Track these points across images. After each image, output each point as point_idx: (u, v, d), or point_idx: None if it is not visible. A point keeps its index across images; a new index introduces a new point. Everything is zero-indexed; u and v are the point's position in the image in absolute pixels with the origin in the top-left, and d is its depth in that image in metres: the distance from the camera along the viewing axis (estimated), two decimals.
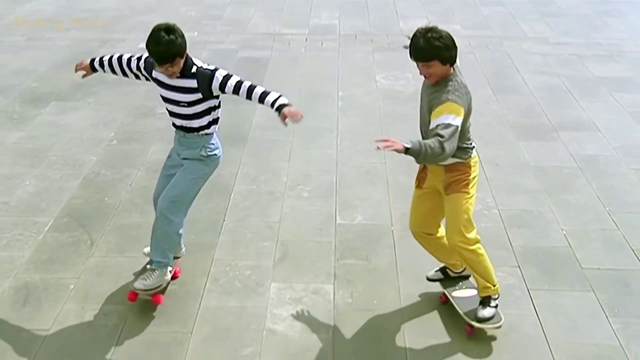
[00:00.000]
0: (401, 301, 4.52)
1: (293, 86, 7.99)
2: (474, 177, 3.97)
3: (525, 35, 10.01)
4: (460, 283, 4.44)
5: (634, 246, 5.12)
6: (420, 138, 3.87)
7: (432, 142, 3.51)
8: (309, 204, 5.66)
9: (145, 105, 7.29)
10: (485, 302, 4.15)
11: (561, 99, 7.74)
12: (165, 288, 4.47)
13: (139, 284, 4.24)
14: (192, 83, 3.93)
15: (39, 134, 6.73)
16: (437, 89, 3.71)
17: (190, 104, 4.00)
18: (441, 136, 3.51)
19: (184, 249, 4.66)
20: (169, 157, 4.40)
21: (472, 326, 4.16)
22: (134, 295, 4.35)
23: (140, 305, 4.42)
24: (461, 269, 4.44)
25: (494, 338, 4.20)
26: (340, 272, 4.81)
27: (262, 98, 3.98)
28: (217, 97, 4.07)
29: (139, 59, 4.17)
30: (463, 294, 4.36)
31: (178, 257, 4.61)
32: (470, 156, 3.93)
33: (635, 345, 4.18)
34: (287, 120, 3.88)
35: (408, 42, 3.74)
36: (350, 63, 8.82)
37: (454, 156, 3.77)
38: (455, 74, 3.74)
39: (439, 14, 10.94)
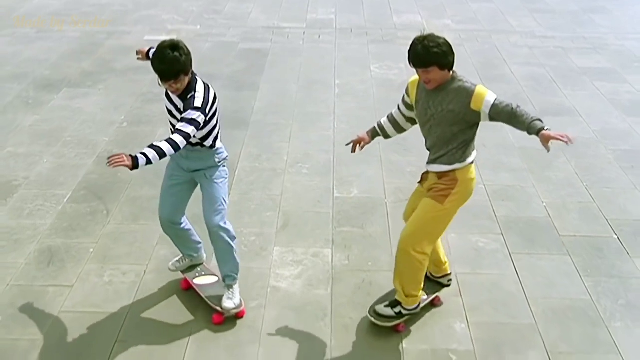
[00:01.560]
0: (393, 263, 4.92)
1: (292, 75, 8.44)
2: (456, 193, 3.93)
3: (513, 29, 10.47)
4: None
5: (607, 216, 5.56)
6: (427, 147, 4.04)
7: (516, 107, 3.71)
8: (308, 179, 6.08)
9: (152, 91, 7.69)
10: (394, 303, 4.25)
11: (546, 88, 8.20)
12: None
13: (229, 305, 4.27)
14: (181, 105, 3.91)
15: (53, 117, 7.14)
16: (448, 90, 3.76)
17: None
18: (510, 105, 3.71)
19: (205, 257, 4.71)
20: (170, 176, 4.28)
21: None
22: (220, 317, 4.32)
23: (156, 265, 4.84)
24: (441, 274, 4.52)
25: (478, 294, 4.63)
26: (337, 238, 5.23)
27: (160, 140, 3.81)
28: (207, 120, 3.97)
29: None
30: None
31: (199, 264, 4.68)
32: (468, 163, 3.93)
33: (604, 299, 4.62)
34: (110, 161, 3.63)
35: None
36: (346, 54, 9.26)
37: (452, 161, 3.89)
38: (455, 73, 3.79)
39: (431, 10, 11.41)
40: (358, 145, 4.38)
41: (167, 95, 4.04)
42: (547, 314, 4.47)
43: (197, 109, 3.83)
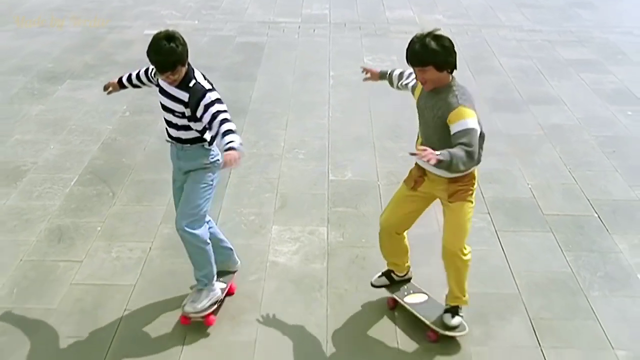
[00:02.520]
0: None
1: (288, 67, 8.72)
2: (475, 187, 3.93)
3: (502, 23, 10.77)
4: (406, 287, 4.49)
5: (589, 197, 5.85)
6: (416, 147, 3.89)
7: (458, 151, 3.41)
8: (304, 164, 6.35)
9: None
10: (453, 311, 4.18)
11: (532, 78, 8.50)
12: (219, 306, 4.39)
13: (189, 308, 4.20)
14: (185, 96, 3.85)
15: (58, 107, 7.40)
16: (440, 97, 3.63)
17: (181, 115, 3.94)
18: (466, 144, 3.42)
19: (239, 263, 4.66)
20: (174, 181, 4.29)
21: (436, 332, 4.18)
22: (186, 319, 4.25)
23: (161, 242, 5.11)
24: (405, 272, 4.52)
25: None
26: (332, 217, 5.51)
27: (223, 134, 3.76)
28: (200, 120, 3.90)
29: (149, 68, 4.22)
30: (416, 300, 4.39)
31: (234, 272, 4.63)
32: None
33: (584, 271, 4.90)
34: (224, 165, 3.65)
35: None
36: (340, 47, 9.55)
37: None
38: (455, 80, 3.66)
39: (423, 5, 11.71)
40: (366, 73, 4.50)
41: (162, 91, 3.98)
42: (530, 285, 4.75)
43: (210, 90, 3.84)
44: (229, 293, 4.53)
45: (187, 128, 3.98)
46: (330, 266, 4.92)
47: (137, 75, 4.40)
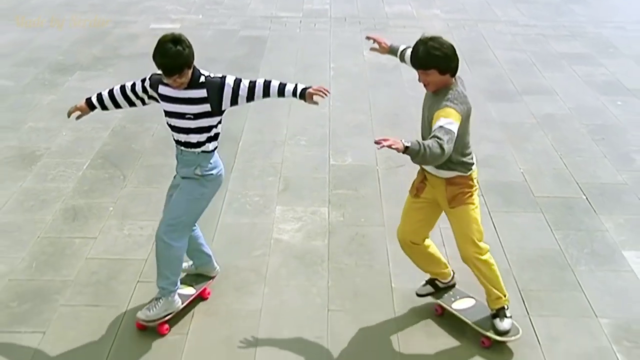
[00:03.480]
0: (384, 220, 5.49)
1: (290, 59, 9.00)
2: (475, 190, 3.97)
3: (498, 18, 11.07)
4: (452, 292, 4.45)
5: (578, 180, 6.13)
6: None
7: (430, 142, 3.46)
8: (306, 150, 6.63)
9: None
10: (500, 313, 4.13)
11: (526, 70, 8.79)
12: (170, 317, 4.27)
13: (141, 314, 4.15)
14: (202, 93, 3.81)
15: (68, 96, 7.65)
16: (437, 98, 3.69)
17: (197, 116, 3.87)
18: (439, 138, 3.46)
19: (218, 268, 4.61)
20: (174, 177, 4.28)
21: (489, 338, 4.13)
22: (141, 325, 4.21)
23: None
24: (449, 279, 4.47)
25: None
26: (333, 199, 5.79)
27: (280, 90, 3.95)
28: (223, 112, 3.94)
29: (143, 80, 4.05)
30: (464, 305, 4.35)
31: (212, 277, 4.59)
32: (472, 169, 3.94)
33: (572, 248, 5.18)
34: (314, 98, 3.94)
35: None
36: (340, 41, 9.84)
37: (455, 169, 3.85)
38: (456, 84, 3.71)
39: (421, 0, 11.99)
40: (375, 42, 4.45)
41: (166, 98, 3.90)
42: (520, 260, 5.03)
43: (225, 77, 3.85)
44: (203, 297, 4.51)
45: (192, 131, 3.92)
46: (331, 243, 5.19)
47: (118, 91, 4.15)
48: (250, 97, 3.92)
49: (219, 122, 4.01)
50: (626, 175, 6.24)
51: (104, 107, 4.22)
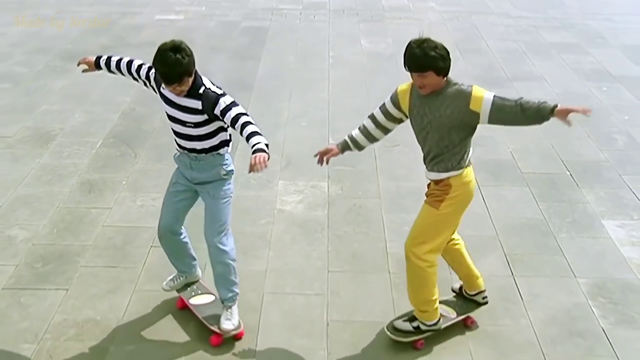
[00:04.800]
0: (380, 192, 5.87)
1: (290, 48, 9.40)
2: (453, 197, 3.84)
3: (491, 10, 11.48)
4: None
5: (563, 158, 6.52)
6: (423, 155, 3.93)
7: (519, 100, 3.60)
8: (306, 131, 7.01)
9: None
10: (412, 318, 4.13)
11: (517, 59, 9.18)
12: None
13: (228, 326, 4.10)
14: (197, 104, 3.75)
15: (79, 82, 8.04)
16: (444, 95, 3.66)
17: (197, 125, 3.81)
18: (514, 99, 3.59)
19: (200, 274, 4.56)
20: (174, 183, 4.17)
21: (421, 344, 4.13)
22: (219, 339, 4.13)
23: None
24: (477, 290, 4.35)
25: None
26: (332, 174, 6.16)
27: (247, 137, 3.68)
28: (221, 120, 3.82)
29: (149, 68, 3.99)
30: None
31: (194, 282, 4.51)
32: (464, 167, 3.84)
33: (555, 218, 5.56)
34: (252, 170, 3.51)
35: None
36: (338, 31, 10.24)
37: (448, 168, 3.80)
38: (450, 79, 3.70)
39: None
40: (325, 157, 4.23)
41: (168, 101, 3.86)
42: (506, 228, 5.41)
43: (222, 95, 3.76)
44: (182, 307, 4.43)
45: (201, 138, 3.87)
46: (331, 213, 5.57)
47: (124, 64, 4.19)
48: (232, 125, 3.77)
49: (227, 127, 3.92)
50: (608, 153, 6.63)
51: (109, 71, 4.30)
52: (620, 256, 5.07)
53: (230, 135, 4.00)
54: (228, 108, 3.73)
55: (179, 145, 3.98)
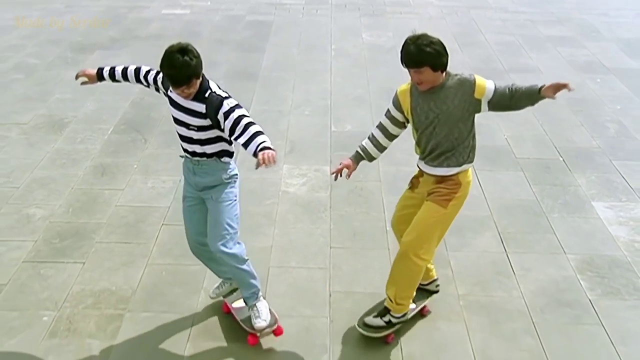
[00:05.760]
0: (380, 176, 6.13)
1: (293, 40, 9.67)
2: (459, 197, 3.93)
3: (489, 5, 11.75)
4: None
5: (556, 145, 6.78)
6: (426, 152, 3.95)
7: (513, 85, 3.77)
8: (309, 119, 7.28)
9: None
10: (383, 312, 4.17)
11: (514, 51, 9.45)
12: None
13: (261, 324, 4.10)
14: (201, 107, 3.69)
15: None
16: (447, 88, 3.69)
17: (200, 128, 3.76)
18: (511, 86, 3.74)
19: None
20: (184, 199, 4.12)
21: (391, 337, 4.19)
22: (255, 338, 4.16)
23: None
24: (428, 280, 4.41)
25: None
26: (334, 159, 6.42)
27: (252, 137, 3.61)
28: (223, 129, 3.72)
29: (157, 73, 3.96)
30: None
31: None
32: (473, 161, 3.96)
33: (547, 199, 5.82)
34: (260, 165, 3.48)
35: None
36: (340, 25, 10.51)
37: (461, 162, 3.87)
38: (449, 72, 3.72)
39: None
40: (344, 172, 4.24)
41: (174, 104, 3.80)
42: (500, 209, 5.67)
43: (226, 97, 3.71)
44: (227, 312, 4.42)
45: (203, 142, 3.82)
46: (333, 195, 5.84)
47: (132, 72, 4.17)
48: (233, 127, 3.64)
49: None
50: (600, 140, 6.89)
51: (114, 81, 4.26)
52: (609, 234, 5.34)
53: (232, 148, 3.93)
54: (231, 110, 3.67)
55: (183, 148, 3.95)
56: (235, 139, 3.66)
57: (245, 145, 3.61)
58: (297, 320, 4.36)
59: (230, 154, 3.93)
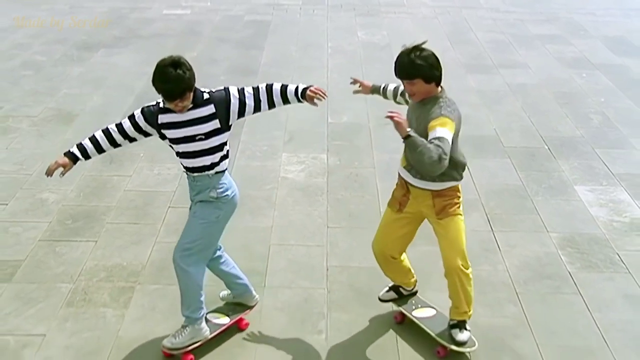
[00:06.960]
0: (374, 163, 6.47)
1: (291, 39, 10.02)
2: (461, 200, 3.97)
3: (481, 5, 12.13)
4: (413, 301, 4.43)
5: (542, 135, 7.12)
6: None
7: (432, 146, 3.40)
8: (307, 111, 7.42)
9: (176, 52, 9.20)
10: (461, 325, 4.09)
11: (504, 48, 9.81)
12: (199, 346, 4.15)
13: (166, 342, 4.00)
14: (210, 109, 3.68)
15: (95, 69, 8.66)
16: (427, 107, 3.63)
17: (208, 135, 3.72)
18: (441, 147, 3.39)
19: (257, 297, 4.39)
20: (190, 206, 4.06)
21: (445, 348, 4.11)
22: (167, 353, 4.05)
23: None
24: (412, 287, 4.45)
25: None
26: (331, 147, 6.77)
27: (283, 92, 3.81)
28: (230, 126, 3.80)
29: (132, 117, 3.92)
30: (424, 314, 4.33)
31: (251, 306, 4.37)
32: (461, 178, 3.91)
33: (532, 184, 6.16)
34: (314, 100, 3.75)
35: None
36: (336, 24, 10.87)
37: (448, 178, 3.78)
38: (443, 92, 3.70)
39: None
40: (358, 85, 4.43)
41: (172, 125, 3.76)
42: (488, 192, 6.00)
43: (228, 87, 3.75)
44: (240, 327, 4.34)
45: (204, 153, 3.78)
46: (330, 180, 6.17)
47: (104, 135, 4.03)
48: (257, 104, 3.80)
49: (227, 140, 3.87)
50: (583, 130, 7.23)
51: (88, 158, 3.97)
52: (589, 215, 5.68)
53: (228, 151, 3.90)
54: (241, 90, 3.74)
55: (185, 167, 3.92)
56: (268, 103, 3.84)
57: (283, 99, 3.86)
58: (297, 291, 4.68)
59: (222, 171, 3.87)
